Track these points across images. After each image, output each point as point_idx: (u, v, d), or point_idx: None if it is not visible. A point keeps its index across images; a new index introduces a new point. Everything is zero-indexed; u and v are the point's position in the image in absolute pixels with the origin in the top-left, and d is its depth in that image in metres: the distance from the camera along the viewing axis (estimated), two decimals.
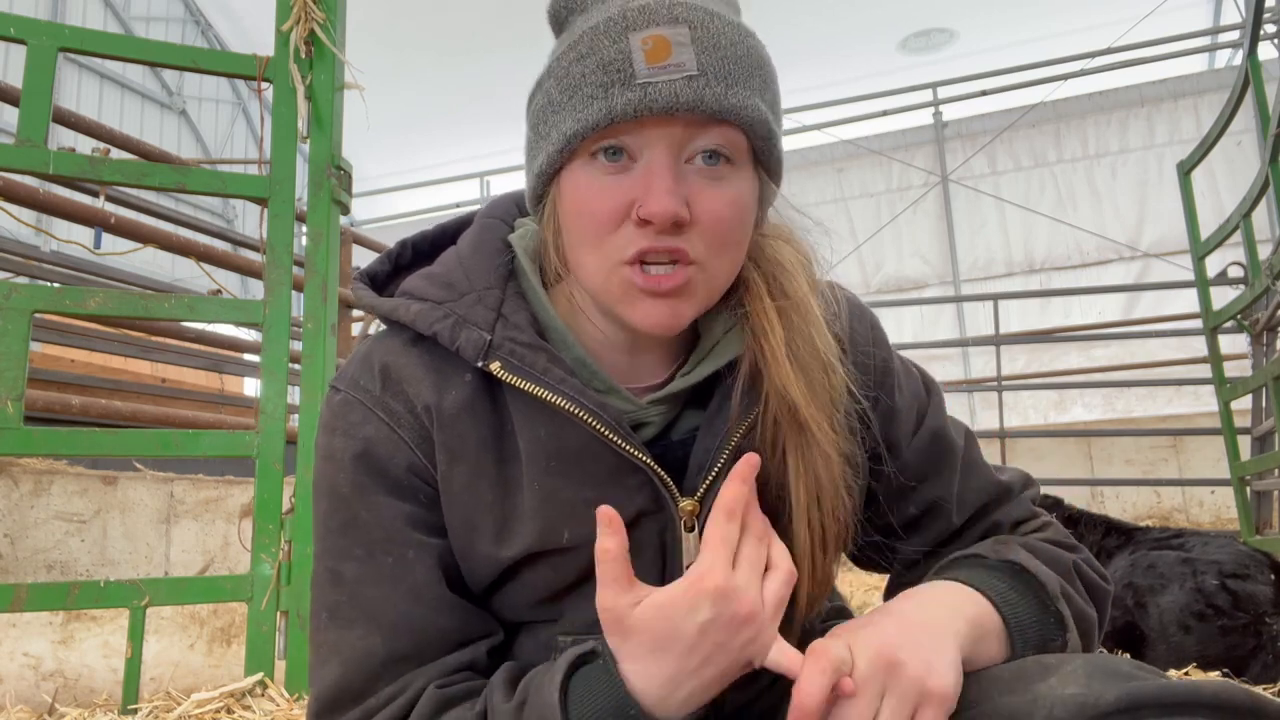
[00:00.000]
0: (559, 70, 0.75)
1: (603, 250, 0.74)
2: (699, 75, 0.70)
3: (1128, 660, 0.67)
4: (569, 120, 0.73)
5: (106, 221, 3.09)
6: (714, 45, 0.72)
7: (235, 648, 2.29)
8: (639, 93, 0.70)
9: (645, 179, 0.72)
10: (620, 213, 0.73)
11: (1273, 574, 2.31)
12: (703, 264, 0.74)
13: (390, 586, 0.77)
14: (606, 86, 0.71)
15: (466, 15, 10.23)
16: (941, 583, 0.79)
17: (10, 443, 1.88)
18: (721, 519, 0.72)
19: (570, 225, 0.76)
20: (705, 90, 0.70)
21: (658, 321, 0.75)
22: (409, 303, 0.82)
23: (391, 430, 0.79)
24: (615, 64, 0.71)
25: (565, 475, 0.78)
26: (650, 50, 0.70)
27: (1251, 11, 3.38)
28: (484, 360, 0.77)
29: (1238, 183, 8.13)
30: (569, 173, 0.76)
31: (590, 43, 0.73)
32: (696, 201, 0.72)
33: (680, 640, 0.68)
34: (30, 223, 5.11)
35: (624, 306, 0.75)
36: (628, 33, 0.71)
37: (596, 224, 0.74)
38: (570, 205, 0.76)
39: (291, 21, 2.13)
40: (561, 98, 0.74)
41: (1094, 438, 6.68)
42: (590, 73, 0.72)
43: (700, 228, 0.73)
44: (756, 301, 0.81)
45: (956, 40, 11.02)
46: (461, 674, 0.77)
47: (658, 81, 0.70)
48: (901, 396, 0.90)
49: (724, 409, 0.81)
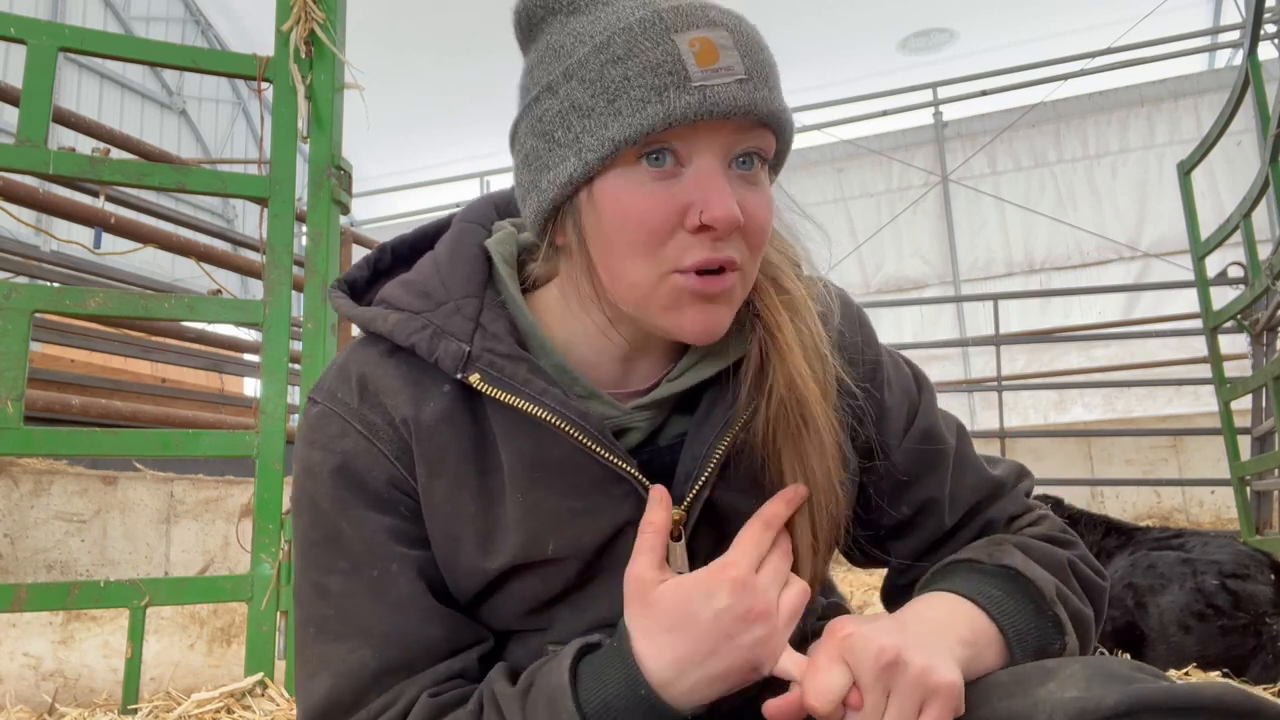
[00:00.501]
0: (586, 73, 0.71)
1: (655, 259, 0.71)
2: (747, 79, 0.69)
3: (1127, 662, 0.67)
4: (614, 125, 0.69)
5: (106, 221, 3.09)
6: (752, 48, 0.71)
7: (235, 648, 2.29)
8: (698, 96, 0.68)
9: (700, 184, 0.70)
10: (675, 219, 0.70)
11: (1273, 574, 2.31)
12: (743, 269, 0.74)
13: (377, 599, 0.76)
14: (660, 90, 0.68)
15: (466, 15, 10.23)
16: (935, 596, 0.79)
17: (10, 443, 1.88)
18: (758, 526, 0.73)
19: (614, 236, 0.72)
20: (755, 94, 0.70)
21: (705, 329, 0.73)
22: (386, 313, 0.80)
23: (370, 443, 0.78)
24: (665, 66, 0.68)
25: (548, 486, 0.78)
26: (699, 52, 0.69)
27: (1251, 11, 3.38)
28: (463, 372, 0.76)
29: (1238, 183, 8.13)
30: (606, 181, 0.72)
31: (627, 44, 0.70)
32: (743, 207, 0.71)
33: (694, 624, 0.68)
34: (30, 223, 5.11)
35: (669, 315, 0.73)
36: (670, 34, 0.69)
37: (649, 232, 0.71)
38: (614, 214, 0.72)
39: (291, 21, 2.13)
40: (596, 102, 0.70)
41: (1094, 438, 6.68)
42: (636, 75, 0.69)
43: (745, 232, 0.72)
44: (766, 297, 0.80)
45: (956, 40, 11.02)
46: (453, 681, 0.77)
47: (713, 85, 0.68)
48: (891, 394, 0.90)
49: (712, 414, 0.80)
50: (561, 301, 0.82)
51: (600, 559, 0.79)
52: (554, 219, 0.77)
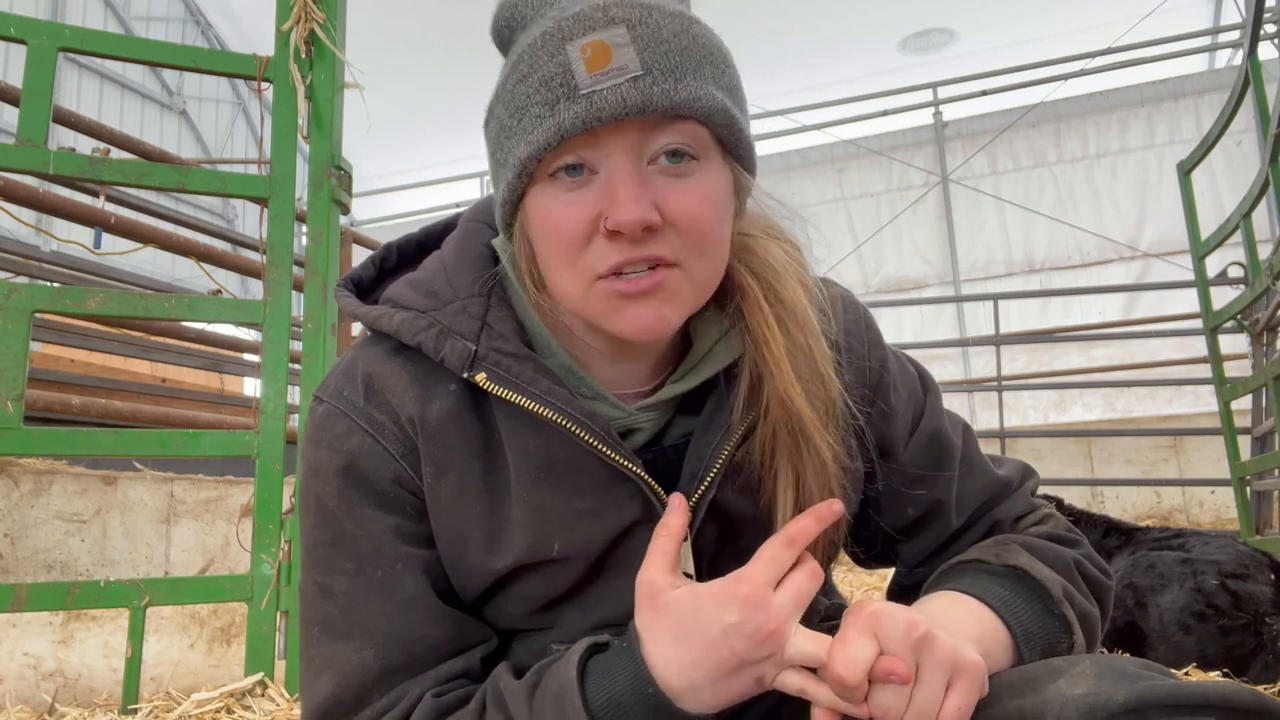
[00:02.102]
0: (505, 94, 0.73)
1: (577, 269, 0.72)
2: (644, 75, 0.68)
3: (1136, 660, 0.67)
4: (520, 145, 0.71)
5: (106, 221, 3.09)
6: (655, 40, 0.69)
7: (235, 648, 2.29)
8: (584, 104, 0.67)
9: (608, 190, 0.70)
10: (588, 228, 0.71)
11: (1273, 574, 2.31)
12: (683, 264, 0.72)
13: (381, 599, 0.76)
14: (551, 104, 0.68)
15: (467, 14, 10.22)
16: (943, 596, 0.79)
17: (10, 443, 1.88)
18: (779, 543, 0.71)
19: (541, 248, 0.74)
20: (653, 89, 0.68)
21: (643, 326, 0.72)
22: (393, 311, 0.80)
23: (376, 442, 0.78)
24: (557, 79, 0.68)
25: (555, 486, 0.77)
26: (590, 58, 0.68)
27: (1251, 11, 3.38)
28: (469, 371, 0.76)
29: (1238, 183, 8.13)
30: (532, 197, 0.73)
31: (530, 61, 0.70)
32: (665, 203, 0.70)
33: (703, 635, 0.67)
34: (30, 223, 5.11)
35: (609, 319, 0.73)
36: (564, 44, 0.69)
37: (566, 243, 0.71)
38: (538, 228, 0.74)
39: (291, 21, 2.13)
40: (511, 122, 0.72)
41: (1094, 438, 6.68)
42: (534, 92, 0.69)
43: (674, 228, 0.71)
44: (755, 309, 0.79)
45: (956, 40, 11.02)
46: (456, 681, 0.77)
47: (602, 89, 0.67)
48: (898, 397, 0.89)
49: (717, 416, 0.80)
50: (550, 301, 0.82)
51: (606, 559, 0.79)
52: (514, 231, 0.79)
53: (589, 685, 0.69)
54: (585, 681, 0.69)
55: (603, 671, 0.70)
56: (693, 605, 0.68)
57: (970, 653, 0.66)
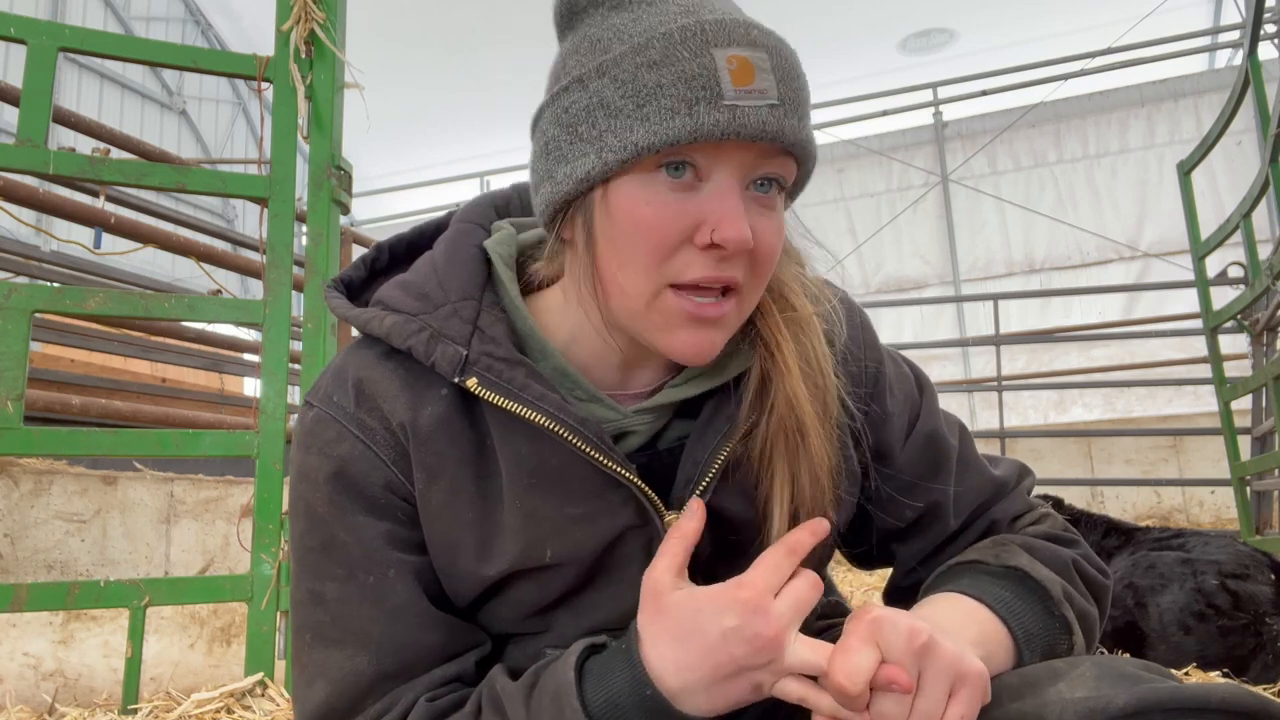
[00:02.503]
0: (620, 74, 0.70)
1: (657, 270, 0.71)
2: (779, 105, 0.69)
3: (1137, 662, 0.67)
4: (640, 130, 0.68)
5: (106, 221, 3.09)
6: (789, 75, 0.70)
7: (235, 648, 2.29)
8: (728, 115, 0.67)
9: (717, 202, 0.69)
10: (685, 233, 0.70)
11: (1273, 574, 2.31)
12: (743, 294, 0.73)
13: (373, 606, 0.76)
14: (691, 102, 0.67)
15: (467, 14, 10.24)
16: (943, 598, 0.78)
17: (10, 443, 1.88)
18: (781, 551, 0.72)
19: (621, 242, 0.71)
20: (785, 121, 0.69)
21: (696, 352, 0.73)
22: (383, 314, 0.79)
23: (367, 448, 0.77)
24: (700, 79, 0.67)
25: (547, 492, 0.77)
26: (735, 71, 0.68)
27: (1251, 11, 3.38)
28: (460, 376, 0.75)
29: (1238, 183, 8.14)
30: (623, 184, 0.71)
31: (664, 50, 0.69)
32: (754, 230, 0.70)
33: (702, 638, 0.67)
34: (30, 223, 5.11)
35: (661, 333, 0.73)
36: (710, 48, 0.68)
37: (657, 241, 0.70)
38: (625, 220, 0.71)
39: (291, 21, 2.13)
40: (625, 103, 0.69)
41: (1094, 438, 6.68)
42: (669, 84, 0.68)
43: (752, 257, 0.72)
44: (769, 315, 0.79)
45: (956, 40, 11.03)
46: (450, 686, 0.77)
47: (744, 106, 0.67)
48: (894, 400, 0.89)
49: (715, 421, 0.80)
50: (563, 301, 0.81)
51: (599, 564, 0.79)
52: (564, 213, 0.76)
53: (587, 686, 0.68)
54: (583, 682, 0.69)
55: (601, 672, 0.69)
56: (692, 607, 0.68)
57: (973, 660, 0.66)
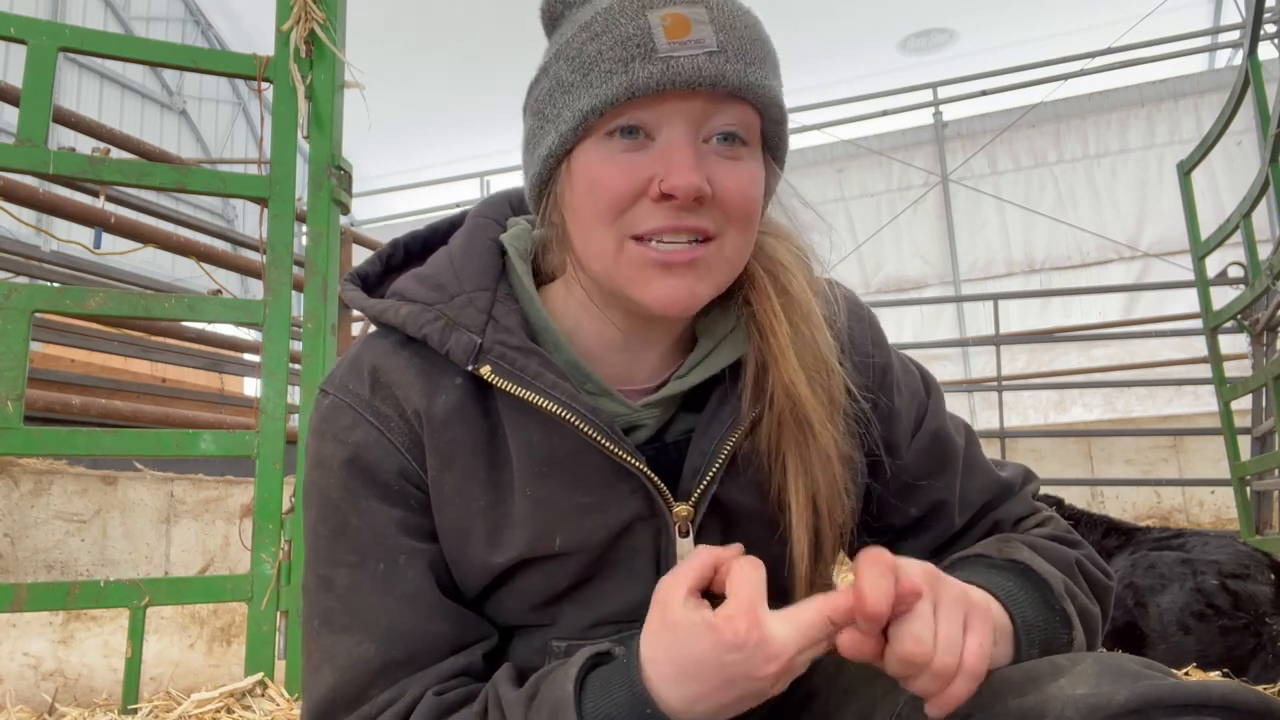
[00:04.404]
0: (570, 51, 0.74)
1: (614, 227, 0.73)
2: (719, 51, 0.70)
3: (1138, 659, 0.67)
4: (584, 97, 0.72)
5: (106, 221, 3.09)
6: (731, 26, 0.72)
7: (235, 648, 2.29)
8: (661, 66, 0.69)
9: (665, 155, 0.71)
10: (638, 189, 0.72)
11: (1273, 574, 2.31)
12: (722, 240, 0.74)
13: (383, 593, 0.76)
14: (626, 61, 0.70)
15: (467, 14, 10.23)
16: None
17: (10, 443, 1.88)
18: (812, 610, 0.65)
19: (581, 205, 0.74)
20: (726, 66, 0.70)
21: (674, 299, 0.73)
22: (399, 304, 0.80)
23: (381, 435, 0.78)
24: (635, 39, 0.70)
25: (557, 481, 0.77)
26: (670, 26, 0.70)
27: (1251, 11, 3.38)
28: (474, 364, 0.76)
29: (1238, 183, 8.13)
30: (581, 153, 0.74)
31: (605, 21, 0.72)
32: (716, 179, 0.72)
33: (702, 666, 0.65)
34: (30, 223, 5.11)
35: (636, 287, 0.73)
36: (645, 10, 0.71)
37: (611, 199, 0.72)
38: (583, 184, 0.74)
39: (291, 21, 2.13)
40: (574, 77, 0.73)
41: (1094, 438, 6.68)
42: (608, 49, 0.71)
43: (721, 204, 0.72)
44: (762, 296, 0.80)
45: (956, 40, 11.03)
46: (457, 679, 0.76)
47: (679, 56, 0.69)
48: (901, 398, 0.90)
49: (720, 412, 0.80)
50: (564, 290, 0.82)
51: (607, 555, 0.79)
52: (546, 197, 0.79)
53: (586, 701, 0.67)
54: (583, 696, 0.67)
55: (601, 688, 0.68)
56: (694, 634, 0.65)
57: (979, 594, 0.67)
